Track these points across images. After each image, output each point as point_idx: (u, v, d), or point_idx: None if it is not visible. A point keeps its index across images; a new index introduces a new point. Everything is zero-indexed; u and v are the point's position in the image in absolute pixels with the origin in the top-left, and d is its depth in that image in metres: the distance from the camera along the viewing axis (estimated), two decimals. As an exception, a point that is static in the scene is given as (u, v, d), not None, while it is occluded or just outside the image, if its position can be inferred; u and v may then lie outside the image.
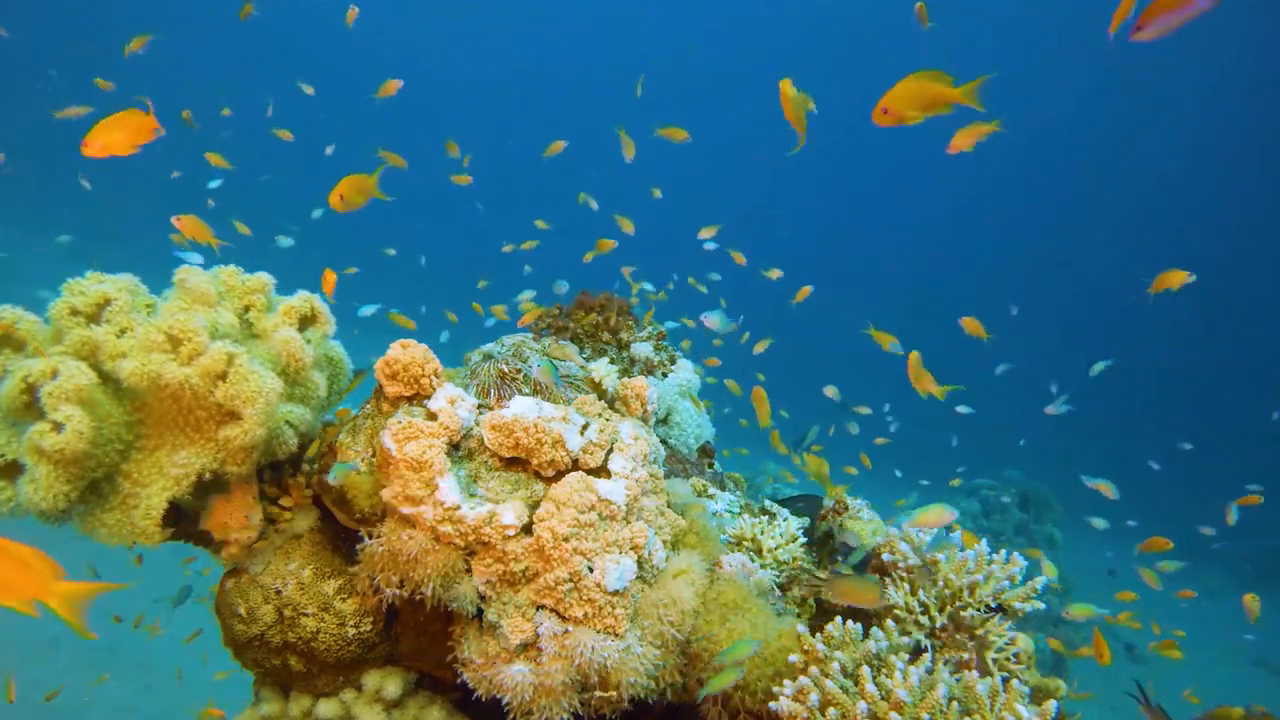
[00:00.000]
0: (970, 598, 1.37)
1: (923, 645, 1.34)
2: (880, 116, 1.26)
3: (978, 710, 1.10)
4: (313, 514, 1.54)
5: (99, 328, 1.32)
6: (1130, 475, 6.29)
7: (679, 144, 3.27)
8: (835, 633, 1.24)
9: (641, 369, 2.08)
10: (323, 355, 1.57)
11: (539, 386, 1.46)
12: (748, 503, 1.81)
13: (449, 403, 1.36)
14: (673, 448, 1.99)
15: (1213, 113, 21.74)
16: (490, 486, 1.31)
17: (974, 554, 1.42)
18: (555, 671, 1.22)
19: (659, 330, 2.20)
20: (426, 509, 1.25)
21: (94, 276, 1.38)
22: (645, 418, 1.54)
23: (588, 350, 2.04)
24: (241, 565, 1.49)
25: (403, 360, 1.40)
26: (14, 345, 1.33)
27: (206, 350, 1.31)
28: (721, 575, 1.43)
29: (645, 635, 1.28)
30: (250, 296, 1.50)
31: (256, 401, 1.30)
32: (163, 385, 1.28)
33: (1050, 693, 1.43)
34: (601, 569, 1.24)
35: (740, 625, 1.30)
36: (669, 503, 1.49)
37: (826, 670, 1.17)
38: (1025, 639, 1.40)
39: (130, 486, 1.34)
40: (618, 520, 1.30)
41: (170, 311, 1.35)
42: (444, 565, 1.26)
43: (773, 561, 1.57)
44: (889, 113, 1.25)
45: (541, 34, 26.90)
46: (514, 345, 1.58)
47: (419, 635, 1.50)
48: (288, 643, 1.47)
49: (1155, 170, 23.59)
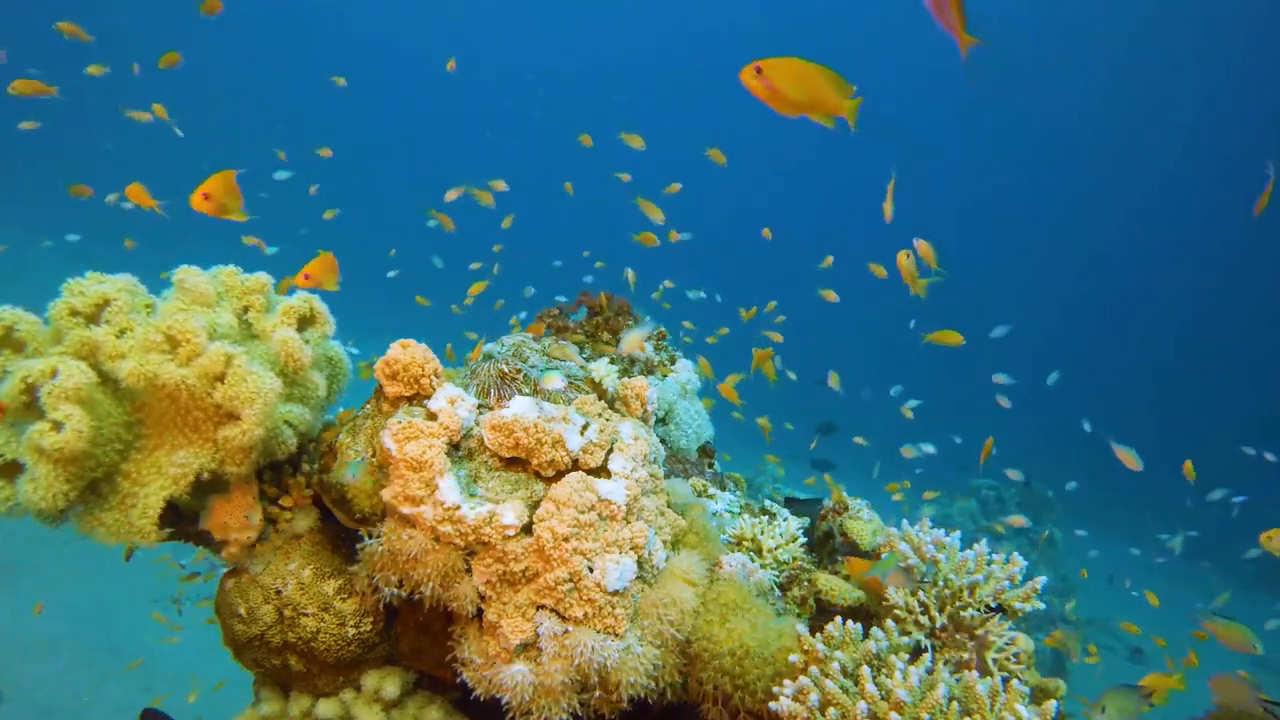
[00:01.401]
0: (970, 598, 1.37)
1: (923, 645, 1.34)
2: (751, 77, 1.11)
3: (978, 710, 1.09)
4: (313, 514, 1.54)
5: (98, 328, 1.32)
6: (1130, 475, 6.30)
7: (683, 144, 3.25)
8: (835, 633, 1.24)
9: (641, 369, 2.08)
10: (322, 355, 1.57)
11: (538, 386, 1.46)
12: (748, 503, 1.81)
13: (449, 403, 1.36)
14: (673, 448, 1.99)
15: (1213, 113, 21.74)
16: (490, 486, 1.31)
17: (974, 554, 1.42)
18: (555, 671, 1.22)
19: (659, 330, 2.20)
20: (426, 509, 1.25)
21: (94, 277, 1.38)
22: (645, 418, 1.54)
23: (588, 350, 2.04)
24: (241, 565, 1.49)
25: (403, 360, 1.40)
26: (14, 345, 1.33)
27: (204, 351, 1.31)
28: (721, 575, 1.43)
29: (645, 635, 1.28)
30: (249, 297, 1.50)
31: (255, 402, 1.30)
32: (160, 386, 1.28)
33: (1050, 693, 1.43)
34: (601, 569, 1.24)
35: (740, 625, 1.30)
36: (669, 503, 1.49)
37: (826, 670, 1.17)
38: (1025, 639, 1.40)
39: (129, 486, 1.33)
40: (618, 520, 1.30)
41: (169, 312, 1.35)
42: (444, 565, 1.26)
43: (773, 561, 1.57)
44: (762, 76, 1.10)
45: (541, 35, 26.91)
46: (514, 345, 1.58)
47: (419, 635, 1.50)
48: (288, 643, 1.47)
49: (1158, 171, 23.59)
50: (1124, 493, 11.01)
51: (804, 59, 1.10)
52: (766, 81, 1.10)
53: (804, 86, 1.10)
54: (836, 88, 1.10)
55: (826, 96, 1.10)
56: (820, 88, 1.10)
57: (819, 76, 1.09)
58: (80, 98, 3.93)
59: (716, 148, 3.09)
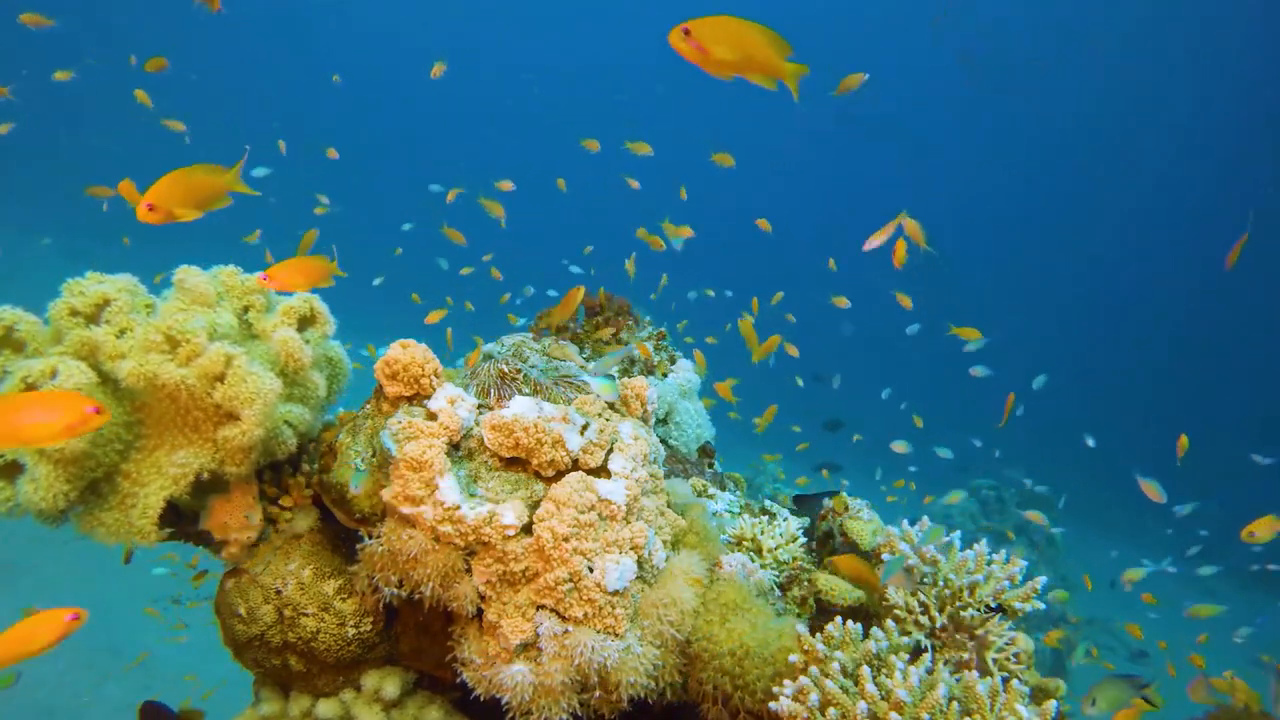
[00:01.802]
0: (970, 598, 1.37)
1: (923, 645, 1.34)
2: (679, 39, 1.01)
3: (978, 710, 1.10)
4: (313, 514, 1.54)
5: (98, 328, 1.32)
6: (1129, 475, 6.29)
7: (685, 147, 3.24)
8: (835, 633, 1.24)
9: (641, 369, 2.08)
10: (322, 355, 1.57)
11: (538, 386, 1.46)
12: (748, 503, 1.81)
13: (449, 403, 1.36)
14: (673, 448, 1.99)
15: (1210, 113, 21.75)
16: (490, 486, 1.31)
17: (974, 554, 1.42)
18: (555, 671, 1.22)
19: (659, 330, 2.20)
20: (426, 509, 1.25)
21: (94, 277, 1.38)
22: (645, 418, 1.54)
23: (588, 350, 2.04)
24: (241, 565, 1.49)
25: (403, 360, 1.40)
26: (14, 345, 1.33)
27: (204, 351, 1.31)
28: (721, 575, 1.43)
29: (645, 635, 1.28)
30: (249, 297, 1.50)
31: (255, 402, 1.30)
32: (160, 386, 1.28)
33: (1050, 693, 1.43)
34: (601, 569, 1.24)
35: (740, 625, 1.30)
36: (669, 503, 1.49)
37: (826, 670, 1.17)
38: (1025, 639, 1.40)
39: (129, 486, 1.33)
40: (618, 520, 1.30)
41: (169, 312, 1.35)
42: (444, 565, 1.26)
43: (773, 561, 1.57)
44: (690, 37, 1.01)
45: (541, 34, 26.90)
46: (514, 345, 1.58)
47: (419, 635, 1.50)
48: (288, 643, 1.47)
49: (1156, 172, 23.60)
50: (1123, 493, 11.01)
51: (737, 17, 1.02)
52: (695, 43, 1.02)
53: (736, 45, 1.03)
54: (773, 46, 1.02)
55: (761, 56, 1.03)
56: (754, 45, 1.02)
57: (753, 33, 1.02)
58: (79, 95, 3.92)
59: (726, 152, 3.04)
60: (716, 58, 1.02)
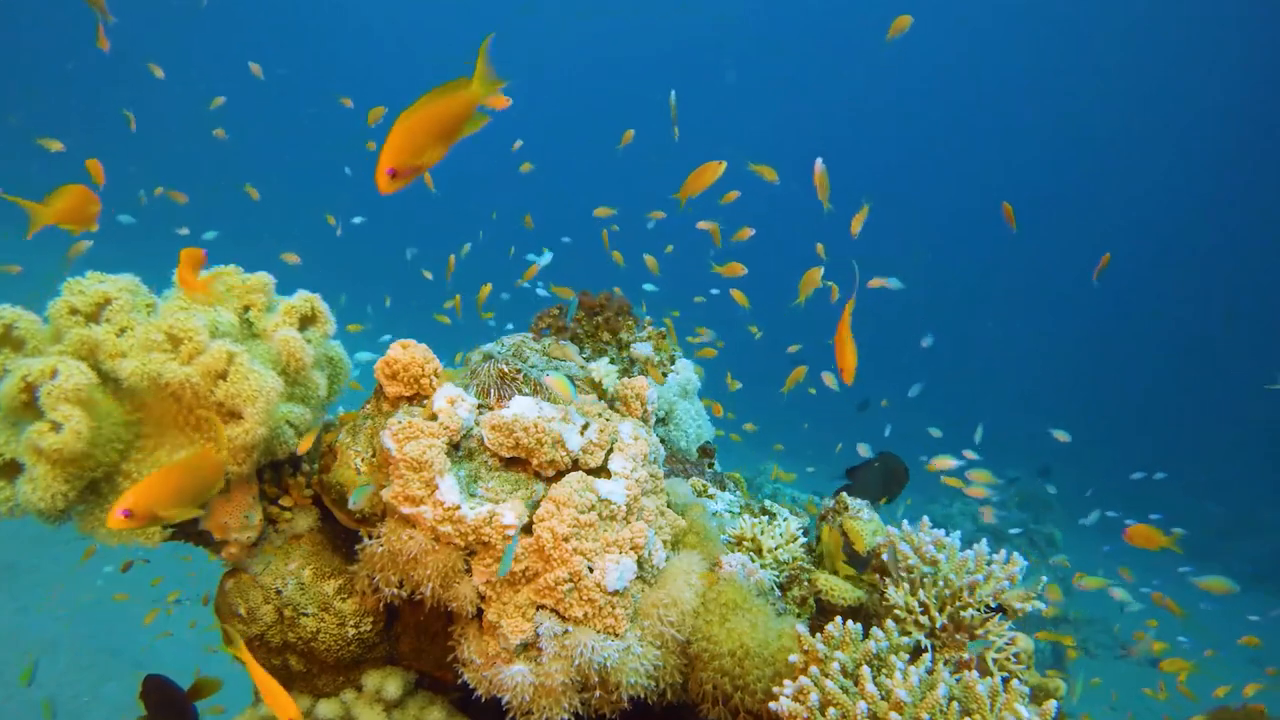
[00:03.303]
0: (970, 598, 1.37)
1: (923, 645, 1.34)
2: (387, 182, 0.91)
3: (978, 710, 1.10)
4: (313, 514, 1.54)
5: (99, 327, 1.32)
6: (1128, 475, 6.30)
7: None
8: (835, 633, 1.24)
9: (641, 369, 2.07)
10: (323, 355, 1.57)
11: (538, 386, 1.46)
12: (748, 503, 1.81)
13: (449, 403, 1.36)
14: (673, 448, 1.99)
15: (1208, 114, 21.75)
16: (490, 486, 1.31)
17: (974, 554, 1.42)
18: (555, 671, 1.22)
19: (659, 330, 2.20)
20: (426, 509, 1.25)
21: (94, 276, 1.38)
22: (645, 418, 1.54)
23: (588, 350, 2.04)
24: (241, 565, 1.49)
25: (403, 360, 1.40)
26: (13, 344, 1.32)
27: (207, 349, 1.30)
28: (721, 575, 1.43)
29: (645, 635, 1.28)
30: (250, 296, 1.50)
31: (257, 401, 1.30)
32: (163, 385, 1.28)
33: (1050, 693, 1.43)
34: (601, 569, 1.24)
35: (740, 625, 1.30)
36: (669, 503, 1.49)
37: (826, 670, 1.17)
38: (1025, 639, 1.40)
39: (130, 486, 1.33)
40: (618, 520, 1.30)
41: (170, 311, 1.35)
42: (444, 565, 1.26)
43: (773, 561, 1.57)
44: (397, 176, 0.91)
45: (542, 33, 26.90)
46: (514, 345, 1.58)
47: (419, 635, 1.50)
48: (288, 643, 1.47)
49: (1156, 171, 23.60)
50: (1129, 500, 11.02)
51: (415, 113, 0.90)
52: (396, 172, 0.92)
53: (436, 130, 0.93)
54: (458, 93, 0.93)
55: (459, 108, 0.93)
56: (449, 111, 0.93)
57: (441, 104, 0.92)
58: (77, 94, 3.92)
59: (767, 165, 2.97)
60: (416, 165, 0.93)
